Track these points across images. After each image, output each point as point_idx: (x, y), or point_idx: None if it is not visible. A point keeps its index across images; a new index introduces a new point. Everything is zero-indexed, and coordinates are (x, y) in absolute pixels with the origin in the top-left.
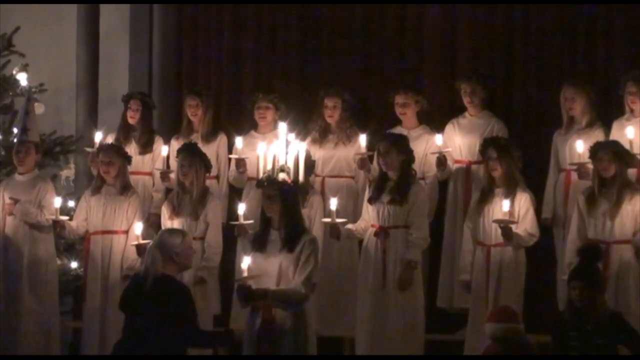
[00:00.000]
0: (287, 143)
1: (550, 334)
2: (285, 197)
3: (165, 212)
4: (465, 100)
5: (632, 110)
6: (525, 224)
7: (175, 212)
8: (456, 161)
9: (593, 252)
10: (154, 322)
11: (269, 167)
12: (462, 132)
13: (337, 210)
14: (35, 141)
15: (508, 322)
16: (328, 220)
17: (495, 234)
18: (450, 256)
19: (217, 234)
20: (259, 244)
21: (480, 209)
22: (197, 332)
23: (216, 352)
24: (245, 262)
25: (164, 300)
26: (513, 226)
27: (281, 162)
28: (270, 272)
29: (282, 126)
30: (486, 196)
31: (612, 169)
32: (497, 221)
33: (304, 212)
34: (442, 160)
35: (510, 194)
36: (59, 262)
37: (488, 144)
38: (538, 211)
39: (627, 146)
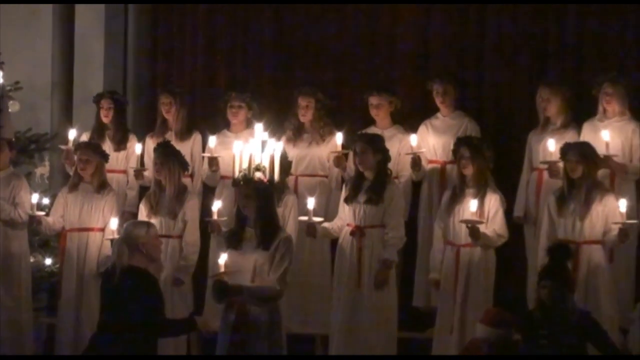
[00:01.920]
0: (263, 143)
1: (521, 333)
2: (261, 196)
3: (143, 210)
4: (438, 101)
5: (605, 111)
6: (495, 225)
7: (153, 210)
8: (431, 161)
9: (562, 252)
10: (125, 314)
11: (245, 166)
12: (436, 132)
13: (313, 209)
14: (9, 138)
15: (502, 328)
16: (305, 218)
17: (464, 233)
18: (425, 256)
19: (195, 233)
20: (235, 242)
21: (450, 209)
22: (165, 321)
23: (189, 352)
24: (222, 258)
25: (132, 291)
26: (482, 226)
27: (257, 162)
28: (246, 269)
29: (258, 126)
30: (457, 196)
31: (579, 170)
32: (465, 221)
33: (279, 211)
34: (416, 161)
35: (480, 193)
36: (33, 259)
37: (461, 143)
38: (508, 212)
39: (602, 148)
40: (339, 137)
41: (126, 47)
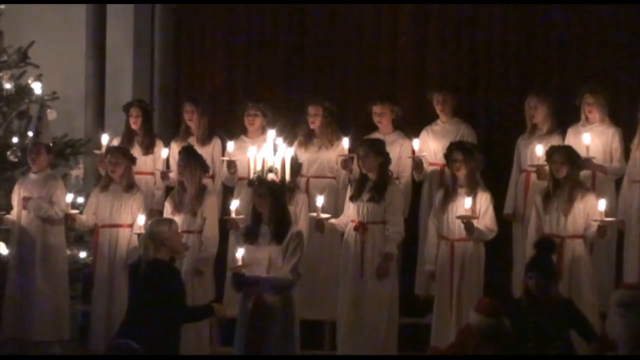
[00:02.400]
0: (275, 147)
1: (509, 319)
2: (274, 195)
3: (168, 207)
4: (438, 109)
5: (587, 118)
6: (485, 220)
7: (177, 208)
8: (431, 164)
9: (548, 245)
10: (150, 302)
11: (259, 168)
12: (436, 137)
13: (322, 206)
14: (47, 143)
15: (494, 317)
16: (314, 215)
17: (458, 229)
18: None
19: (213, 228)
20: (251, 237)
21: (444, 207)
22: (186, 308)
23: (211, 335)
24: (240, 252)
25: (157, 282)
26: (474, 221)
27: (270, 164)
28: (261, 262)
29: (271, 132)
30: (450, 195)
31: (564, 170)
32: (460, 217)
33: (290, 209)
34: (418, 164)
35: (472, 192)
36: (69, 252)
37: (454, 147)
38: (497, 208)
39: (583, 151)
40: (345, 142)
41: (153, 59)
